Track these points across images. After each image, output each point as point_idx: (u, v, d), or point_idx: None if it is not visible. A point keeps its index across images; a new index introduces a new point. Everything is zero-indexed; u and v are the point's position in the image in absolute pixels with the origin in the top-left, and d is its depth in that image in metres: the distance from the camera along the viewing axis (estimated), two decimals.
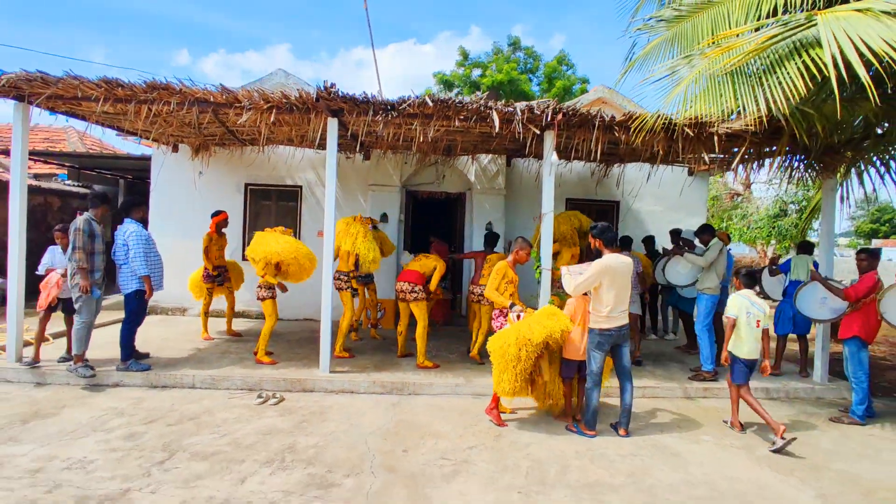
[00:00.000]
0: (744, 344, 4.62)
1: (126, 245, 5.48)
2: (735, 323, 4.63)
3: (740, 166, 7.57)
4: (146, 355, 5.96)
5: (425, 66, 63.25)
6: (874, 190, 6.40)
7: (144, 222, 5.76)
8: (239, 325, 8.22)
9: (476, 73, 25.71)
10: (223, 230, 7.28)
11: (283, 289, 6.28)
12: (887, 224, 47.71)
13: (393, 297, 8.78)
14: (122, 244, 5.50)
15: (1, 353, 5.85)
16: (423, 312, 6.11)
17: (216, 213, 7.13)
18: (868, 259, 5.23)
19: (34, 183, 10.13)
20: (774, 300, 6.93)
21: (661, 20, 6.35)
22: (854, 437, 4.77)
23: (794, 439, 4.30)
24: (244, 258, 8.82)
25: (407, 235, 9.41)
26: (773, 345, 6.41)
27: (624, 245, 7.13)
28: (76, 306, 5.25)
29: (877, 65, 3.68)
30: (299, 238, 8.88)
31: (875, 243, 42.10)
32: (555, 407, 4.91)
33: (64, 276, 5.36)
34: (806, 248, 6.76)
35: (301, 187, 8.94)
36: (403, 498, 3.35)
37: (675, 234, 7.71)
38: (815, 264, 6.40)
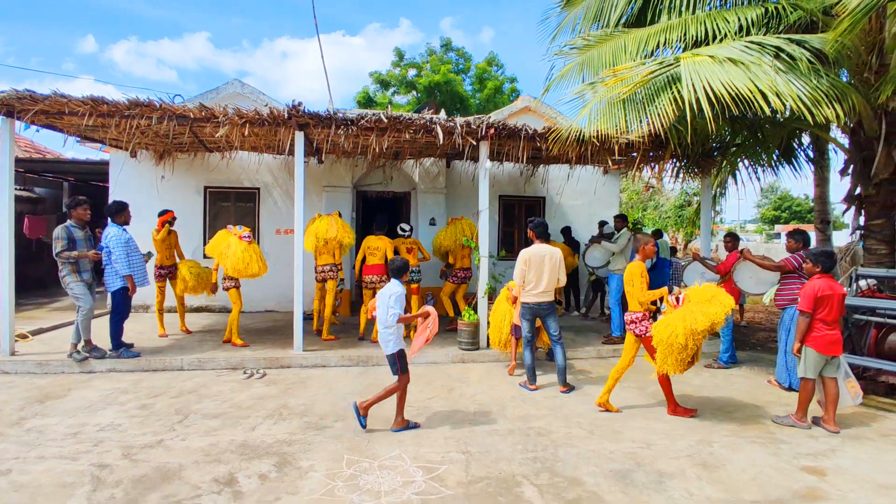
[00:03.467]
0: None
1: (108, 248, 6.12)
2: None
3: (644, 167, 9.09)
4: (131, 345, 6.58)
5: (356, 58, 63.27)
6: (754, 181, 8.11)
7: (127, 225, 6.37)
8: (202, 318, 8.90)
9: (412, 73, 26.66)
10: (171, 229, 7.51)
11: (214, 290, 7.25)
12: (787, 211, 53.28)
13: (349, 287, 9.72)
14: (104, 247, 6.14)
15: None
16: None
17: (163, 213, 7.46)
18: (731, 241, 6.77)
19: None
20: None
21: (574, 48, 7.64)
22: (719, 376, 6.27)
23: None
24: (205, 256, 9.46)
25: (358, 231, 10.32)
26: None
27: (564, 235, 9.43)
28: (75, 302, 5.94)
29: (712, 99, 5.02)
30: (258, 236, 9.61)
31: (777, 228, 46.97)
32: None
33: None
34: (659, 234, 9.73)
35: (259, 189, 9.64)
36: (383, 432, 4.38)
37: (602, 224, 9.29)
38: (668, 246, 9.10)
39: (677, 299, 4.61)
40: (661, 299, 4.80)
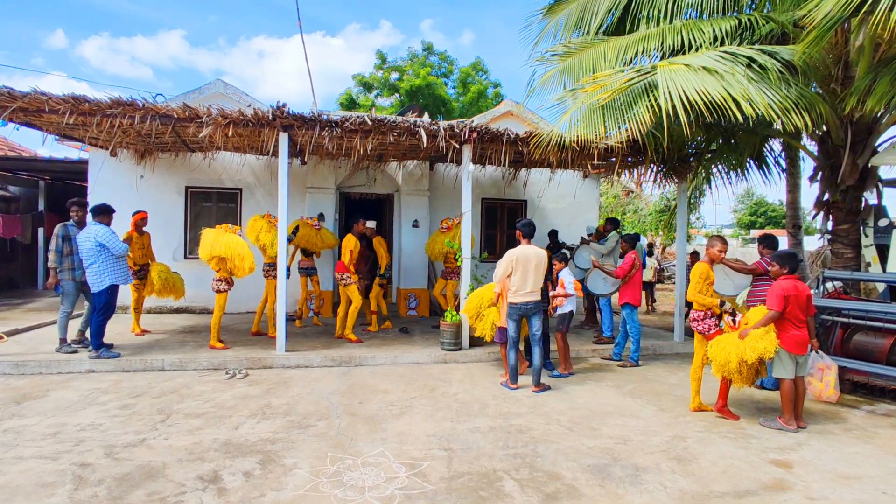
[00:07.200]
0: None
1: (101, 244, 6.06)
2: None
3: (623, 171, 9.29)
4: (111, 345, 6.52)
5: (336, 59, 63.05)
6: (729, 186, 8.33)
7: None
8: (183, 319, 8.85)
9: (394, 75, 26.74)
10: (143, 229, 7.48)
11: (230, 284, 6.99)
12: (763, 216, 54.71)
13: (331, 288, 9.75)
14: (95, 245, 6.07)
15: None
16: (354, 294, 7.33)
17: (135, 213, 7.39)
18: (627, 244, 7.05)
19: None
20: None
21: (555, 54, 7.80)
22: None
23: None
24: (186, 257, 9.40)
25: (341, 233, 10.35)
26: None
27: (551, 237, 9.50)
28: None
29: (687, 106, 5.19)
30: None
31: (753, 233, 48.20)
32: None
33: None
34: (636, 237, 9.59)
35: (241, 189, 9.61)
36: (366, 430, 4.44)
37: (553, 233, 9.65)
38: (644, 249, 9.24)
39: (734, 320, 4.88)
40: (720, 315, 5.00)
